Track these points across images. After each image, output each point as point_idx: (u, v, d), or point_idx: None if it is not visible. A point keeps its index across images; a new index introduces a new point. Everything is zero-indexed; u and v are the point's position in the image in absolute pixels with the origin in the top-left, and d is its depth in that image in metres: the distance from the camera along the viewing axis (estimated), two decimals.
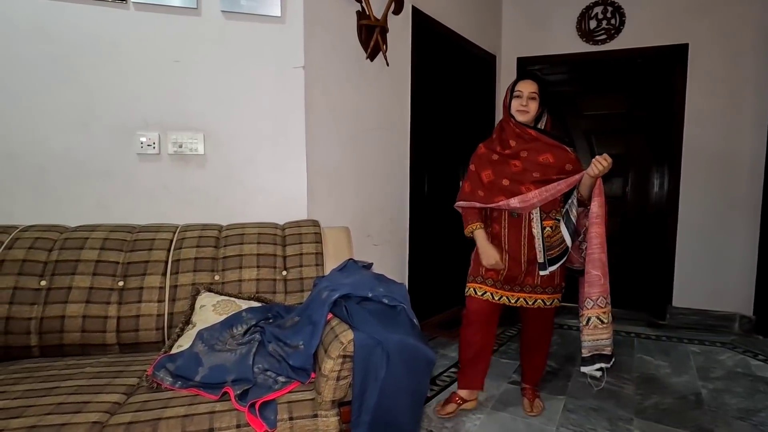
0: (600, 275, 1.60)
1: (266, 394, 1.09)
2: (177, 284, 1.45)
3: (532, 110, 1.70)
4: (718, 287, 2.96)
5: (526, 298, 1.76)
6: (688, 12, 2.94)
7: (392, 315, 1.21)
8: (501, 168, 1.72)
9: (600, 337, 1.62)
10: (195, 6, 1.65)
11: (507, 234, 1.75)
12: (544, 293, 1.76)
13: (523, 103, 1.69)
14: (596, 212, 1.61)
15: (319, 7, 1.83)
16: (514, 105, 1.72)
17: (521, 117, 1.71)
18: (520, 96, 1.70)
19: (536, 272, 1.72)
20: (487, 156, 1.78)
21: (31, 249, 1.40)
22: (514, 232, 1.73)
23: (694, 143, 2.97)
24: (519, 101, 1.71)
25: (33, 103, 1.57)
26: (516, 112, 1.72)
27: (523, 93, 1.70)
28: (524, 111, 1.70)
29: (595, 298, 1.61)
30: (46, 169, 1.59)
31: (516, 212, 1.71)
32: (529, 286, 1.75)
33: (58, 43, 1.56)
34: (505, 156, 1.72)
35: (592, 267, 1.61)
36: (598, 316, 1.61)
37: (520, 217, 1.71)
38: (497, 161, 1.74)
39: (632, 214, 3.25)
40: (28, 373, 1.19)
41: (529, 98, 1.70)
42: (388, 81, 2.24)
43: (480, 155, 1.81)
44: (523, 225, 1.71)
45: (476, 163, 1.81)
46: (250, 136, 1.76)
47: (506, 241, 1.75)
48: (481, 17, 3.12)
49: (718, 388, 2.09)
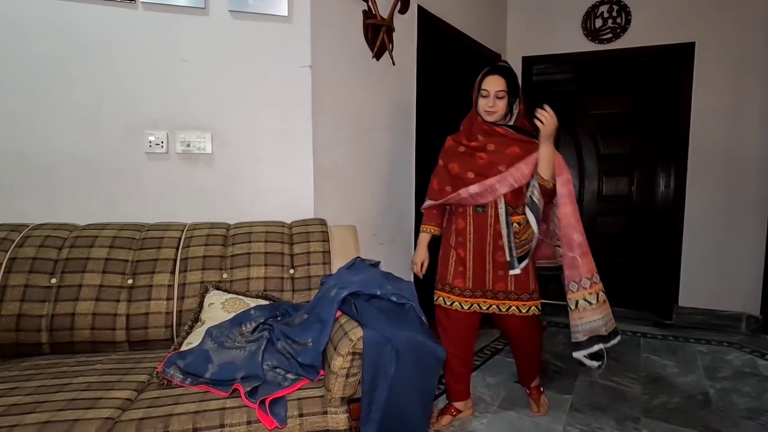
0: (576, 256, 1.54)
1: (276, 391, 1.10)
2: (186, 282, 1.46)
3: (499, 110, 1.61)
4: (725, 287, 2.95)
5: (499, 305, 1.66)
6: (694, 11, 2.92)
7: (401, 312, 1.22)
8: (467, 160, 1.64)
9: (592, 319, 1.56)
10: (203, 6, 1.66)
11: (472, 231, 1.65)
12: (518, 299, 1.65)
13: (490, 104, 1.60)
14: (561, 192, 1.54)
15: (326, 7, 1.83)
16: (480, 104, 1.63)
17: (489, 117, 1.62)
18: (487, 96, 1.61)
19: (508, 277, 1.63)
20: (454, 148, 1.71)
21: (42, 247, 1.41)
22: (479, 229, 1.63)
23: (701, 142, 2.95)
24: (485, 101, 1.61)
25: (43, 103, 1.58)
26: (483, 112, 1.63)
27: (489, 92, 1.60)
28: (491, 112, 1.61)
29: (577, 280, 1.56)
30: (56, 168, 1.60)
31: (481, 207, 1.62)
32: (502, 292, 1.65)
33: (67, 43, 1.58)
34: (471, 148, 1.65)
35: (567, 249, 1.56)
36: (585, 297, 1.55)
37: (485, 213, 1.62)
38: (463, 153, 1.66)
39: (638, 214, 3.24)
40: (39, 369, 1.20)
41: (496, 98, 1.60)
42: (394, 80, 2.24)
43: (447, 148, 1.74)
44: (489, 222, 1.61)
45: (444, 157, 1.74)
46: (258, 135, 1.77)
47: (471, 239, 1.65)
48: (487, 16, 3.11)
49: (725, 388, 2.08)
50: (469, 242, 1.65)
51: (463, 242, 1.67)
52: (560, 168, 1.56)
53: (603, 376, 2.20)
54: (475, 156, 1.63)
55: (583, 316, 1.56)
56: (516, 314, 1.66)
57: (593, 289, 1.55)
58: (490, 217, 1.61)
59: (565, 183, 1.55)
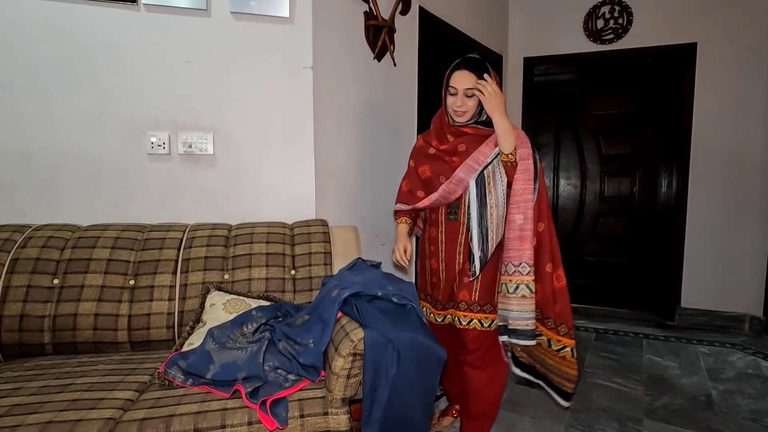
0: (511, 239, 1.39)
1: (277, 392, 1.10)
2: (187, 283, 1.46)
3: (469, 109, 1.46)
4: (728, 288, 2.94)
5: (460, 318, 1.49)
6: (695, 11, 2.92)
7: (402, 313, 1.22)
8: (438, 164, 1.51)
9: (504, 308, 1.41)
10: (205, 7, 1.66)
11: (444, 239, 1.53)
12: (481, 311, 1.49)
13: (458, 104, 1.45)
14: (518, 168, 1.39)
15: (328, 8, 1.83)
16: (449, 103, 1.48)
17: (458, 118, 1.48)
18: (455, 94, 1.45)
19: (473, 286, 1.48)
20: (425, 149, 1.58)
21: (45, 248, 1.42)
22: (451, 237, 1.51)
23: (703, 142, 2.95)
24: (454, 100, 1.45)
25: (47, 104, 1.59)
26: (452, 112, 1.48)
27: (457, 90, 1.44)
28: (460, 113, 1.46)
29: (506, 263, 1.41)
30: (59, 169, 1.61)
31: (453, 214, 1.50)
32: (465, 303, 1.49)
33: (71, 44, 1.58)
34: (441, 151, 1.51)
35: (507, 229, 1.41)
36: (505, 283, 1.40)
37: (457, 221, 1.49)
38: (434, 156, 1.53)
39: (640, 214, 3.24)
40: (42, 370, 1.21)
41: (465, 96, 1.44)
42: (395, 81, 2.25)
43: (418, 149, 1.62)
44: (461, 230, 1.49)
45: (415, 158, 1.61)
46: (259, 135, 1.77)
47: (443, 248, 1.53)
48: (488, 17, 3.11)
49: (728, 389, 2.07)
50: (441, 252, 1.53)
51: (435, 252, 1.56)
52: (520, 141, 1.40)
53: (605, 378, 2.19)
54: (446, 160, 1.50)
55: (502, 301, 1.42)
56: (477, 328, 1.48)
57: (514, 278, 1.39)
58: (461, 225, 1.48)
59: (523, 157, 1.39)
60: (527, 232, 1.38)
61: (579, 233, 3.40)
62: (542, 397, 1.94)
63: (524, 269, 1.39)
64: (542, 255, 1.43)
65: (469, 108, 1.46)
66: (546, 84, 3.43)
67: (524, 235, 1.38)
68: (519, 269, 1.39)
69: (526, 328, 1.39)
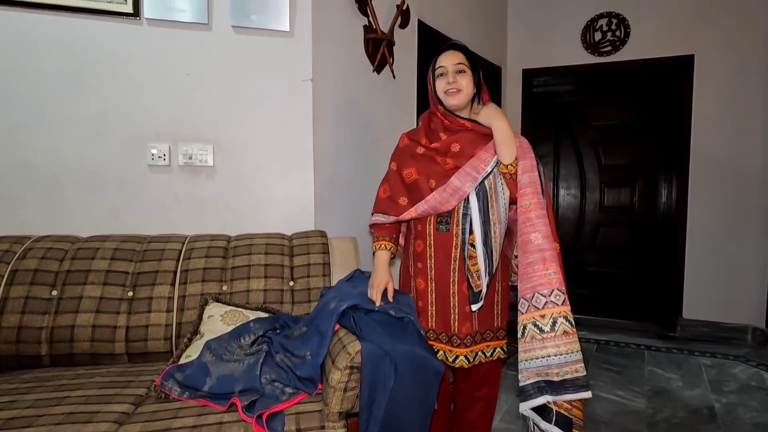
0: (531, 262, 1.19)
1: (274, 405, 1.09)
2: (186, 294, 1.46)
3: (464, 87, 1.28)
4: (730, 298, 2.92)
5: (467, 355, 1.28)
6: (692, 23, 2.95)
7: (400, 326, 1.21)
8: (427, 165, 1.31)
9: (540, 355, 1.15)
10: (206, 21, 1.69)
11: (433, 255, 1.31)
12: (483, 341, 1.32)
13: (450, 80, 1.28)
14: (522, 181, 1.23)
15: (327, 22, 1.86)
16: (439, 87, 1.31)
17: (453, 100, 1.29)
18: (445, 73, 1.30)
19: (473, 316, 1.29)
20: (411, 149, 1.37)
21: (44, 259, 1.42)
22: (442, 252, 1.29)
23: (702, 153, 2.96)
24: (444, 80, 1.29)
25: (49, 115, 1.61)
26: (445, 95, 1.30)
27: (447, 68, 1.29)
28: (454, 91, 1.28)
29: (529, 296, 1.19)
30: (60, 179, 1.62)
31: (444, 225, 1.29)
32: (470, 336, 1.29)
33: (74, 57, 1.61)
34: (432, 150, 1.33)
35: (522, 254, 1.22)
36: (535, 321, 1.17)
37: (449, 232, 1.28)
38: (423, 156, 1.34)
39: (641, 224, 3.24)
40: (39, 382, 1.20)
41: (457, 72, 1.28)
42: (394, 93, 2.27)
43: (401, 149, 1.41)
44: (454, 243, 1.27)
45: (397, 159, 1.40)
46: (259, 147, 1.78)
47: (432, 264, 1.31)
48: (487, 30, 3.15)
49: (731, 402, 2.05)
50: (430, 270, 1.32)
51: (422, 270, 1.33)
52: (523, 151, 1.25)
53: (607, 390, 2.17)
54: (437, 161, 1.31)
55: (530, 348, 1.18)
56: (482, 360, 1.31)
57: (548, 311, 1.15)
58: (455, 237, 1.27)
59: (526, 169, 1.23)
60: (550, 251, 1.19)
61: (579, 243, 3.39)
62: None
63: (558, 298, 1.17)
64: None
65: (462, 86, 1.28)
66: (545, 95, 3.46)
67: (547, 255, 1.18)
68: (552, 299, 1.17)
69: (577, 375, 1.13)
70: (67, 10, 1.58)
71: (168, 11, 1.64)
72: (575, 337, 1.15)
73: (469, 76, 1.30)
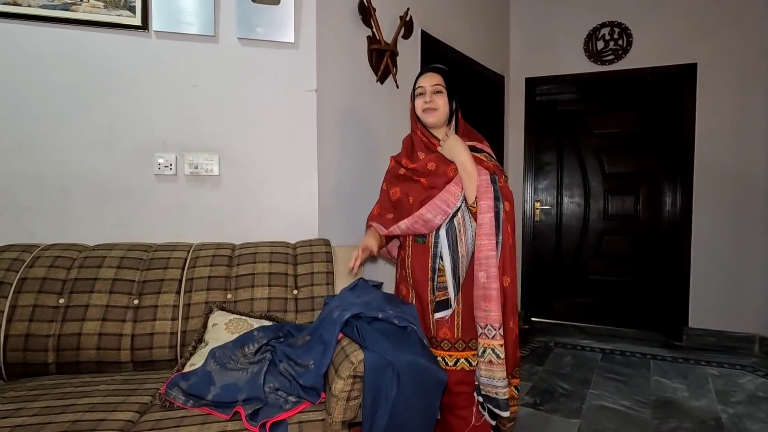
0: (476, 297, 1.32)
1: (277, 414, 1.10)
2: (190, 302, 1.47)
3: (440, 106, 1.41)
4: (736, 307, 2.90)
5: (445, 358, 1.40)
6: (695, 32, 2.96)
7: (403, 335, 1.22)
8: (408, 185, 1.47)
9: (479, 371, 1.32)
10: (213, 33, 1.72)
11: (411, 264, 1.45)
12: (467, 349, 1.40)
13: (427, 99, 1.41)
14: (479, 220, 1.32)
15: (331, 33, 1.89)
16: (417, 105, 1.45)
17: (429, 118, 1.42)
18: (423, 92, 1.43)
19: (453, 321, 1.40)
20: (395, 170, 1.53)
21: (52, 267, 1.44)
22: (419, 261, 1.43)
23: (706, 160, 2.95)
24: (422, 99, 1.43)
25: (58, 126, 1.64)
26: (422, 113, 1.43)
27: (425, 88, 1.42)
28: (431, 109, 1.41)
29: (482, 324, 1.32)
30: (69, 189, 1.65)
31: (421, 236, 1.43)
32: (447, 341, 1.41)
33: (83, 70, 1.64)
34: (411, 170, 1.46)
35: (473, 284, 1.34)
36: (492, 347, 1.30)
37: (425, 244, 1.41)
38: (404, 176, 1.49)
39: (645, 233, 3.23)
40: (45, 390, 1.22)
41: (434, 92, 1.41)
42: (397, 103, 2.29)
43: (389, 170, 1.58)
44: (430, 254, 1.40)
45: (387, 181, 1.57)
46: (264, 157, 1.81)
47: (410, 272, 1.45)
48: (489, 39, 3.18)
49: (738, 413, 2.03)
50: (409, 277, 1.46)
51: (404, 277, 1.49)
52: (481, 191, 1.32)
53: (612, 400, 2.15)
54: (415, 180, 1.45)
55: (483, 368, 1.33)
56: (465, 368, 1.39)
57: (481, 341, 1.32)
58: (431, 248, 1.40)
59: (483, 210, 1.31)
60: (492, 291, 1.30)
61: (583, 251, 3.38)
62: (543, 421, 1.91)
63: (490, 332, 1.30)
64: (507, 311, 1.34)
65: (439, 106, 1.41)
66: (548, 103, 3.48)
67: (488, 294, 1.30)
68: (485, 332, 1.31)
69: (496, 397, 1.30)
70: (77, 23, 1.62)
71: (176, 24, 1.68)
72: (501, 366, 1.30)
73: (445, 96, 1.42)
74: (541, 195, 3.52)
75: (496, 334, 1.30)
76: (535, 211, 3.50)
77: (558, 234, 3.45)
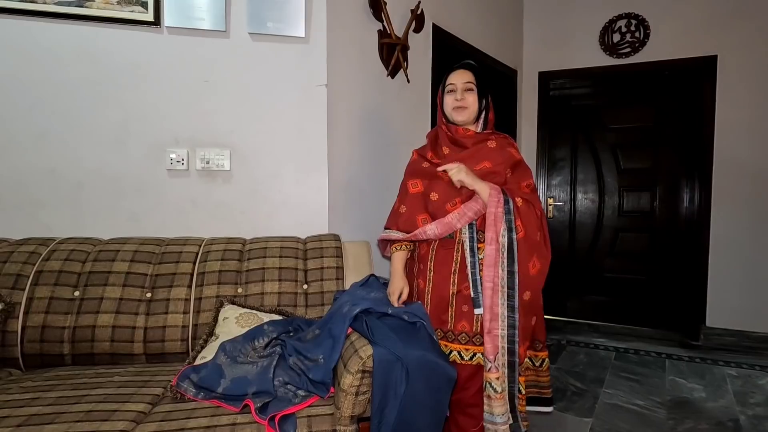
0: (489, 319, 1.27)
1: (286, 408, 1.10)
2: (202, 296, 1.48)
3: (470, 105, 1.39)
4: (755, 306, 2.82)
5: (461, 352, 1.34)
6: (714, 24, 2.88)
7: (412, 331, 1.21)
8: (431, 180, 1.41)
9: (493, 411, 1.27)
10: (224, 29, 1.72)
11: (434, 257, 1.40)
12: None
13: (458, 97, 1.38)
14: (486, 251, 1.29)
15: (342, 27, 1.88)
16: (447, 102, 1.42)
17: (459, 116, 1.40)
18: (454, 90, 1.40)
19: (473, 315, 1.33)
20: (418, 163, 1.47)
21: (67, 260, 1.47)
22: (444, 255, 1.38)
23: (726, 156, 2.87)
24: (453, 96, 1.40)
25: (73, 123, 1.66)
26: (452, 111, 1.41)
27: (456, 85, 1.40)
28: (461, 108, 1.39)
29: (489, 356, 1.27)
30: (83, 184, 1.68)
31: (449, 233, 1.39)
32: (465, 334, 1.35)
33: (96, 66, 1.66)
34: (435, 165, 1.42)
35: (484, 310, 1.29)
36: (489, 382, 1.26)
37: (452, 239, 1.37)
38: (428, 170, 1.43)
39: (661, 230, 3.15)
40: (60, 380, 1.24)
41: (465, 90, 1.39)
42: (408, 97, 2.27)
43: (411, 163, 1.51)
44: (456, 248, 1.36)
45: (407, 175, 1.51)
46: (275, 152, 1.81)
47: (431, 267, 1.40)
48: (502, 32, 3.13)
49: (758, 415, 1.97)
50: (429, 271, 1.41)
51: (423, 271, 1.43)
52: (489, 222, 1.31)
53: (625, 400, 2.12)
54: (440, 175, 1.40)
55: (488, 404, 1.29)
56: (481, 363, 1.32)
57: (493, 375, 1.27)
58: (458, 242, 1.36)
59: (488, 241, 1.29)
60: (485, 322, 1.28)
61: (597, 249, 3.32)
62: (556, 420, 1.88)
63: (486, 364, 1.28)
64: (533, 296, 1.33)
65: (469, 104, 1.39)
66: (562, 98, 3.41)
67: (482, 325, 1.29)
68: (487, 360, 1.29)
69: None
70: (91, 19, 1.63)
71: (187, 19, 1.69)
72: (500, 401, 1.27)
73: (475, 94, 1.40)
74: (554, 191, 3.47)
75: (492, 367, 1.26)
76: (548, 208, 3.45)
77: (571, 231, 3.40)
